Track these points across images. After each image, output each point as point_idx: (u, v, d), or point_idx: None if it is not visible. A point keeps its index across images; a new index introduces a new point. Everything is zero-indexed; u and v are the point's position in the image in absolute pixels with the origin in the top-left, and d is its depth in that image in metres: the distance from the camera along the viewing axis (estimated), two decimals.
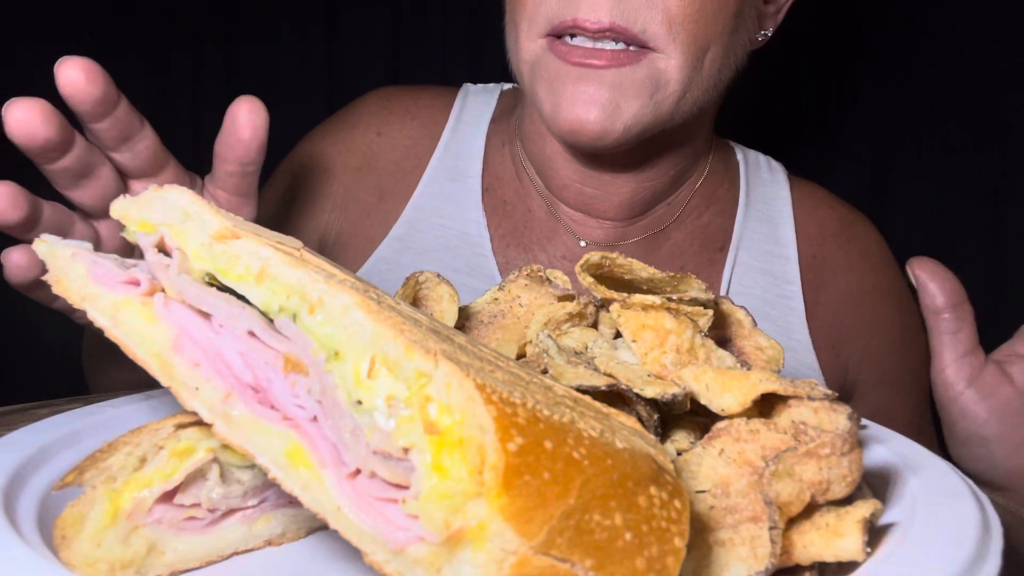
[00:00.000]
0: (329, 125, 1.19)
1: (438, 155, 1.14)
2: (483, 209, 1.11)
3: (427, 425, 0.36)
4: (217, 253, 0.45)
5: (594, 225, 1.08)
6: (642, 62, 0.89)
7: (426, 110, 1.16)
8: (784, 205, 1.15)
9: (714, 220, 1.12)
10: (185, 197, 0.47)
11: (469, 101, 1.18)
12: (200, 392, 0.43)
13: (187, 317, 0.45)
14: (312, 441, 0.40)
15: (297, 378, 0.41)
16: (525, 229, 1.11)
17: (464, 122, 1.16)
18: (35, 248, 0.49)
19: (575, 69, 0.89)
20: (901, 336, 1.14)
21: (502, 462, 0.35)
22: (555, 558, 0.35)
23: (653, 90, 0.90)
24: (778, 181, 1.17)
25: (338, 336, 0.40)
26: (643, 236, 1.09)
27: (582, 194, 1.06)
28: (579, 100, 0.89)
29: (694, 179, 1.10)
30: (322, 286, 0.41)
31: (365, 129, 1.16)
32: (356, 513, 0.38)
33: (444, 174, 1.13)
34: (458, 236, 1.11)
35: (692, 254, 1.11)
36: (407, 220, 1.11)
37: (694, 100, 0.94)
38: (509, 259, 1.10)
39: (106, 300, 0.46)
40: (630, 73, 0.89)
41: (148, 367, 0.45)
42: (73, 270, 0.47)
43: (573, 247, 1.09)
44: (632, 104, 0.90)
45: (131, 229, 0.48)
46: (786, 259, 1.12)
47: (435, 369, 0.37)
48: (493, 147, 1.14)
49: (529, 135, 1.09)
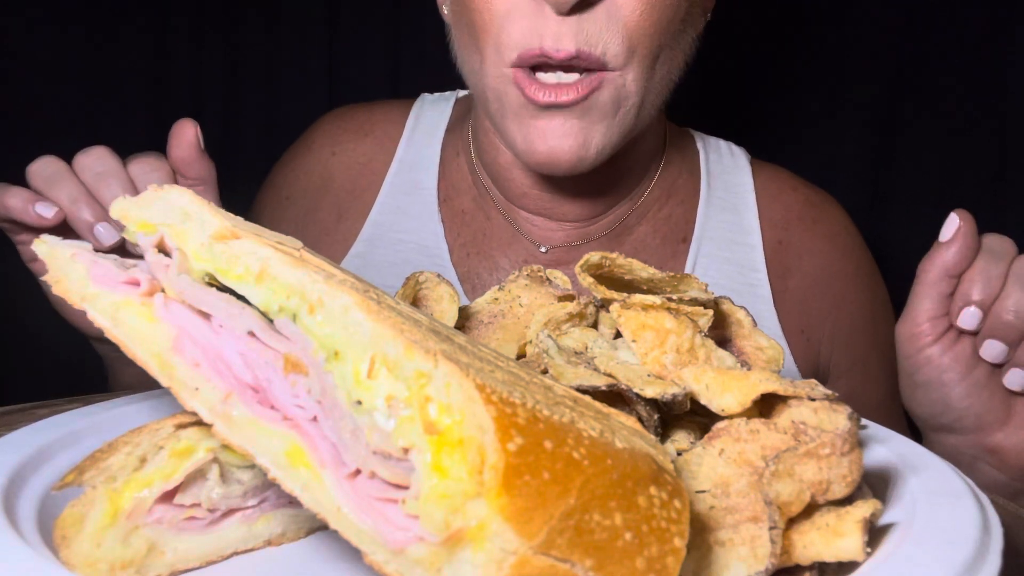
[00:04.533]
0: (289, 152, 1.21)
1: (393, 170, 1.14)
2: (441, 220, 1.12)
3: (427, 425, 0.36)
4: (217, 253, 0.45)
5: (555, 227, 1.09)
6: (604, 85, 0.90)
7: (380, 125, 1.17)
8: (747, 192, 1.14)
9: (675, 211, 1.12)
10: (185, 197, 0.47)
11: (424, 111, 1.18)
12: (200, 392, 0.43)
13: (187, 317, 0.45)
14: (312, 441, 0.40)
15: (297, 378, 0.41)
16: (484, 237, 1.11)
17: (419, 133, 1.16)
18: (34, 247, 0.49)
19: (542, 107, 0.90)
20: (871, 316, 1.14)
21: (502, 462, 0.35)
22: (555, 558, 0.34)
23: (616, 108, 0.92)
24: (740, 167, 1.16)
25: (338, 336, 0.40)
26: (605, 234, 1.09)
27: (540, 199, 1.07)
28: (551, 135, 0.91)
29: (652, 171, 1.11)
30: (322, 286, 0.41)
31: (319, 150, 1.17)
32: (356, 513, 0.38)
33: (400, 188, 1.13)
34: (416, 249, 1.11)
35: (655, 248, 1.11)
36: (365, 238, 1.12)
37: (651, 104, 0.96)
38: (470, 268, 1.10)
39: (106, 300, 0.46)
40: (595, 98, 0.90)
41: (148, 367, 0.45)
42: (73, 270, 0.47)
43: (534, 252, 1.09)
44: (600, 128, 0.91)
45: (131, 229, 0.48)
46: (751, 247, 1.11)
47: (435, 369, 0.37)
48: (448, 156, 1.14)
49: (483, 146, 1.09)
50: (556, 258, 1.09)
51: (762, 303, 1.10)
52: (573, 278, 0.92)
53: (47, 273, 0.48)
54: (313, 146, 1.17)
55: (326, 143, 1.17)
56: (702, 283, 0.60)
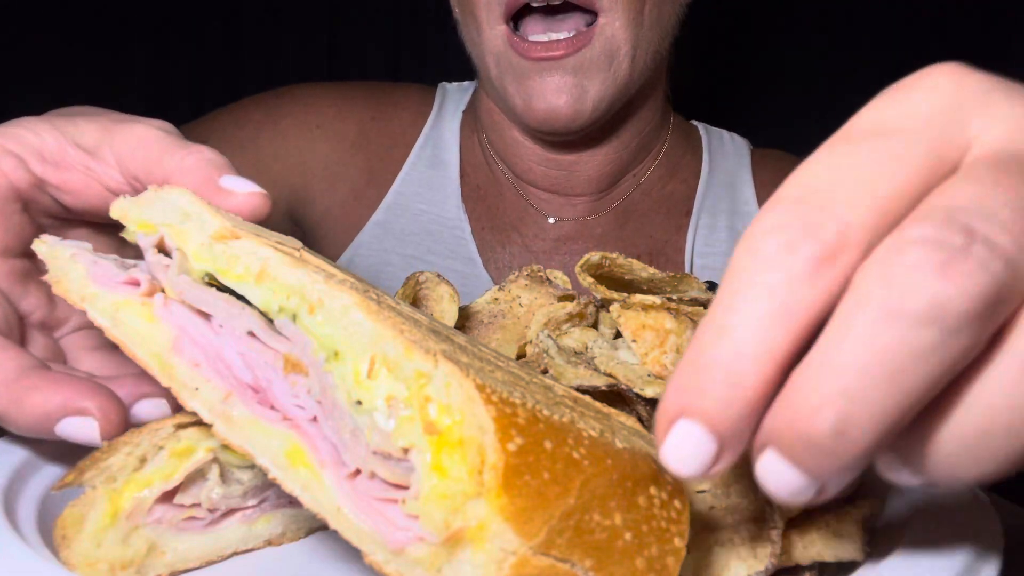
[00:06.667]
0: (334, 84, 1.24)
1: (419, 144, 1.20)
2: (461, 195, 1.17)
3: (427, 425, 0.36)
4: (217, 253, 0.45)
5: (564, 203, 1.14)
6: (594, 39, 0.95)
7: (414, 103, 1.23)
8: (744, 170, 1.21)
9: (678, 189, 1.19)
10: (185, 197, 0.47)
11: (448, 95, 1.25)
12: (200, 392, 0.43)
13: (187, 317, 0.45)
14: (312, 441, 0.40)
15: (297, 378, 0.41)
16: (498, 212, 1.17)
17: (444, 112, 1.23)
18: (34, 247, 0.49)
19: (537, 64, 0.96)
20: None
21: (502, 462, 0.35)
22: (555, 558, 0.34)
23: (609, 60, 0.97)
24: (741, 153, 1.23)
25: (338, 336, 0.40)
26: (612, 209, 1.15)
27: (547, 176, 1.13)
28: (548, 91, 0.96)
29: (656, 150, 1.17)
30: (322, 286, 0.41)
31: (363, 107, 1.21)
32: (356, 513, 0.38)
33: (425, 162, 1.19)
34: (437, 221, 1.16)
35: (659, 223, 1.17)
36: (387, 206, 1.17)
37: (644, 58, 1.00)
38: (484, 241, 1.16)
39: (106, 300, 0.46)
40: (587, 53, 0.96)
41: (148, 367, 0.44)
42: (73, 270, 0.47)
43: (544, 227, 1.15)
44: (595, 81, 0.97)
45: (131, 229, 0.48)
46: (747, 214, 1.17)
47: (435, 369, 0.37)
48: (465, 136, 1.21)
49: (489, 125, 1.16)
50: (565, 232, 1.14)
51: None
52: (582, 253, 0.94)
53: (47, 274, 0.48)
54: (358, 99, 1.22)
55: (368, 105, 1.21)
56: (702, 283, 0.60)
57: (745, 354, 0.30)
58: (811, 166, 0.32)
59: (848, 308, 0.29)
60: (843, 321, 0.29)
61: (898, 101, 0.33)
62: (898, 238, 0.29)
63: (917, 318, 0.28)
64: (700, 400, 0.31)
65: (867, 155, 0.31)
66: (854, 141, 0.32)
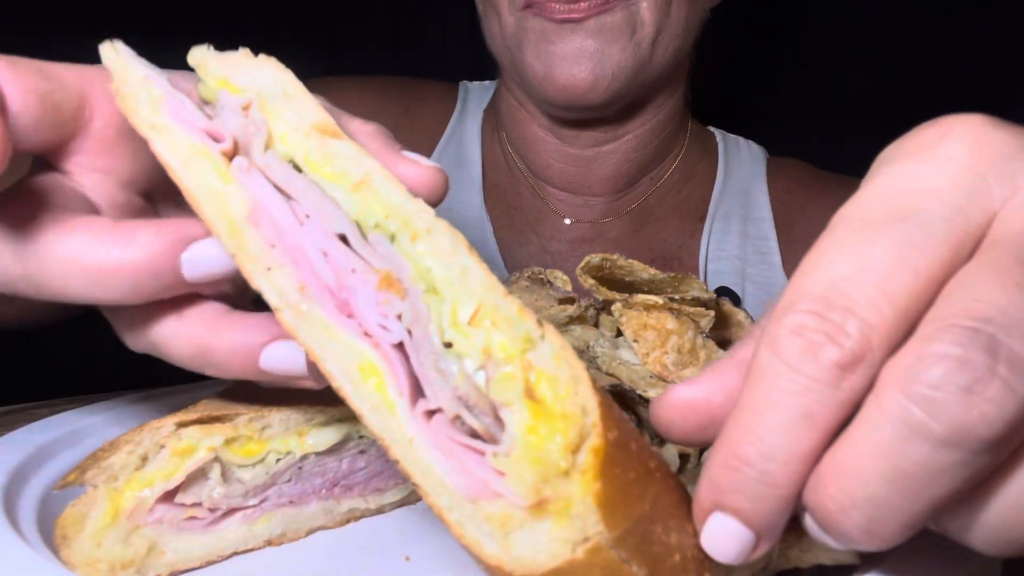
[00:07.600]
0: (366, 77, 1.25)
1: (444, 141, 1.21)
2: (483, 193, 1.18)
3: (528, 390, 0.35)
4: (312, 145, 0.41)
5: (581, 204, 1.14)
6: (617, 8, 0.96)
7: (440, 100, 1.24)
8: (760, 177, 1.21)
9: (694, 193, 1.18)
10: (286, 75, 0.42)
11: (470, 94, 1.25)
12: (272, 274, 0.39)
13: (269, 193, 0.40)
14: (392, 366, 0.37)
15: (391, 298, 0.38)
16: (516, 211, 1.17)
17: (466, 112, 1.23)
18: (101, 49, 0.42)
19: (558, 25, 0.96)
20: None
21: (603, 448, 0.34)
22: (621, 556, 0.34)
23: (631, 31, 0.97)
24: (757, 160, 1.23)
25: (439, 273, 0.37)
26: (628, 211, 1.15)
27: (565, 173, 1.12)
28: (569, 55, 0.96)
29: (675, 153, 1.17)
30: (430, 218, 0.38)
31: (397, 100, 1.22)
32: (430, 450, 0.36)
33: (449, 159, 1.19)
34: (461, 220, 1.16)
35: (674, 227, 1.17)
36: None
37: (667, 45, 1.00)
38: (504, 241, 1.16)
39: (180, 139, 0.40)
40: (609, 18, 0.96)
41: (214, 228, 0.40)
42: (146, 91, 0.41)
43: (561, 228, 1.15)
44: (615, 48, 0.96)
45: (210, 84, 0.42)
46: (761, 220, 1.17)
47: (541, 340, 0.36)
48: (486, 134, 1.21)
49: (508, 122, 1.15)
50: (582, 234, 1.14)
51: (773, 271, 1.14)
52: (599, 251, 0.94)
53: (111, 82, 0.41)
54: (392, 93, 1.22)
55: (403, 98, 1.22)
56: (703, 284, 0.60)
57: (774, 457, 0.32)
58: (829, 255, 0.33)
59: (874, 417, 0.30)
60: (870, 430, 0.30)
61: (915, 172, 0.33)
62: (922, 350, 0.30)
63: (941, 441, 0.29)
64: (733, 497, 0.33)
65: (886, 246, 0.32)
66: (871, 226, 0.32)
